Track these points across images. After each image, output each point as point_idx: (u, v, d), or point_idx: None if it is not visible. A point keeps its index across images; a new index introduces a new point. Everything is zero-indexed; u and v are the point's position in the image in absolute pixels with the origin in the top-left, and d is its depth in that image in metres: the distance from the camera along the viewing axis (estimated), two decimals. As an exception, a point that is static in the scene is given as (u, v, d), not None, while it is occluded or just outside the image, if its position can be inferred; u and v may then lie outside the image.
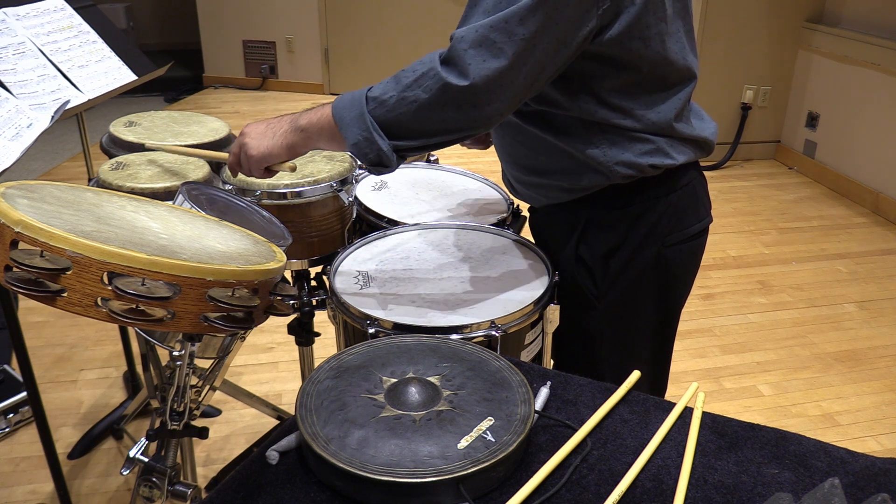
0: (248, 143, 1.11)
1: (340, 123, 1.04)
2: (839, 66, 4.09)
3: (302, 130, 1.09)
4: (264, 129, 1.12)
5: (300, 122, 1.10)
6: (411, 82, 1.00)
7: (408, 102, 1.00)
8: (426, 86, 0.99)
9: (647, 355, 1.33)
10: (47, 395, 2.27)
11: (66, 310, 0.76)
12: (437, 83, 0.98)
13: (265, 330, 2.62)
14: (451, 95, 0.98)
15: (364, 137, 1.03)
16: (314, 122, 1.08)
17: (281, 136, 1.10)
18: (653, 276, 1.24)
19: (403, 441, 0.78)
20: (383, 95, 1.01)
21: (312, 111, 1.10)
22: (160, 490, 1.19)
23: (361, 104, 1.03)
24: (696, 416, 0.90)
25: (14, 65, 1.55)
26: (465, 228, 1.43)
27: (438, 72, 0.98)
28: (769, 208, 3.91)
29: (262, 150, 1.11)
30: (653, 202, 1.19)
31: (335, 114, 1.05)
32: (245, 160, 1.13)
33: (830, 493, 0.71)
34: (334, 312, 1.22)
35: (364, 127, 1.02)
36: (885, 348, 2.69)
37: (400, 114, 1.01)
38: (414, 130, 1.03)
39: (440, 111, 1.00)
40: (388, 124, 1.02)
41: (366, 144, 1.03)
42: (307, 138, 1.10)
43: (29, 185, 0.89)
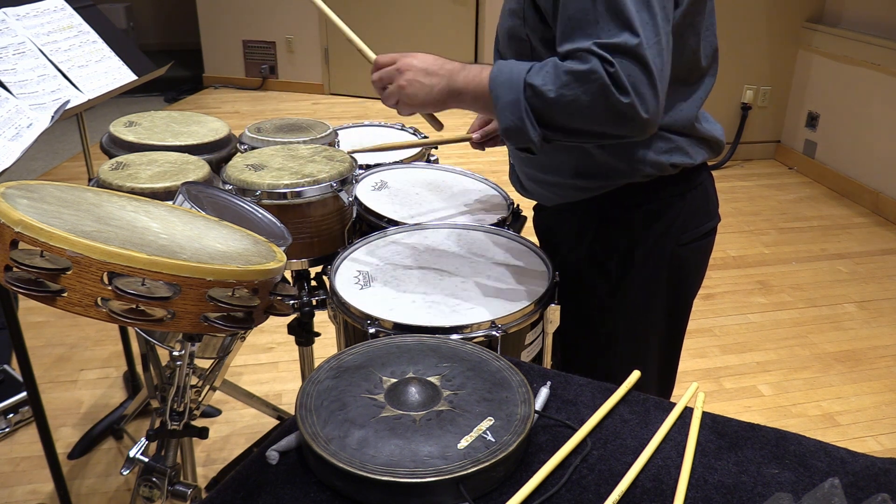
0: (405, 86, 1.12)
1: (496, 102, 1.04)
2: (839, 66, 4.09)
3: (456, 93, 1.10)
4: (422, 77, 1.11)
5: (457, 84, 1.10)
6: (571, 80, 0.97)
7: (566, 100, 0.98)
8: (587, 89, 0.96)
9: (658, 355, 1.34)
10: (47, 395, 2.27)
11: (66, 310, 0.76)
12: (597, 87, 0.95)
13: (265, 330, 2.62)
14: (611, 104, 0.95)
15: (516, 124, 1.02)
16: (470, 89, 1.09)
17: (437, 93, 1.11)
18: (667, 275, 1.24)
19: (403, 441, 0.78)
20: (543, 87, 0.99)
21: (468, 73, 1.09)
22: (160, 490, 1.19)
23: (519, 89, 1.01)
24: (696, 416, 0.90)
25: (14, 65, 1.55)
26: (465, 228, 1.43)
27: (602, 76, 0.94)
28: (769, 208, 3.92)
29: (417, 100, 1.12)
30: (670, 201, 1.20)
31: (492, 90, 1.04)
32: (399, 102, 1.14)
33: (830, 493, 0.71)
34: (334, 312, 1.22)
35: (518, 115, 1.01)
36: (885, 348, 2.69)
37: (557, 109, 0.99)
38: (568, 126, 1.02)
39: (599, 116, 0.98)
40: (542, 114, 1.01)
41: (516, 131, 1.03)
42: (460, 101, 1.11)
43: (29, 185, 0.89)
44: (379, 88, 1.17)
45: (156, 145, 1.55)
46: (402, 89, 1.13)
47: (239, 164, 1.45)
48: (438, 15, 5.37)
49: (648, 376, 1.34)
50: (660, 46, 0.96)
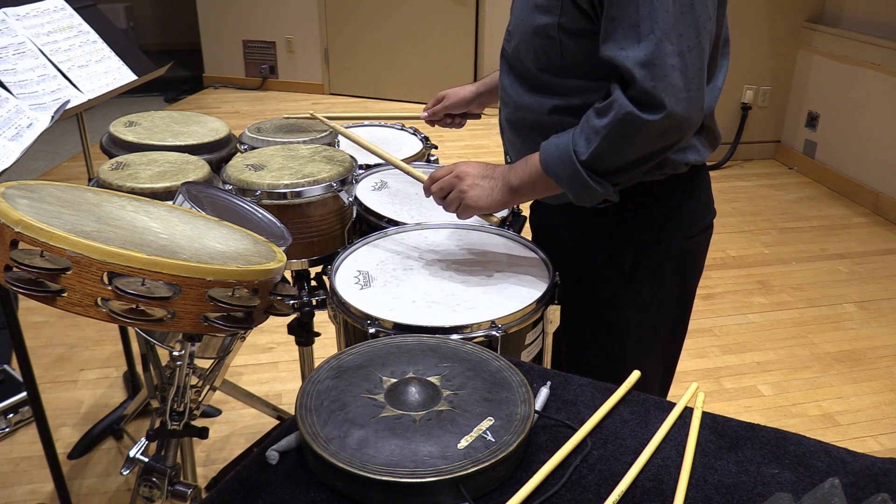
0: (466, 191, 1.20)
1: (557, 180, 1.12)
2: (839, 66, 4.09)
3: (515, 190, 1.19)
4: (482, 182, 1.20)
5: (513, 183, 1.18)
6: (613, 132, 1.05)
7: (615, 149, 1.07)
8: (627, 133, 1.05)
9: (663, 348, 1.38)
10: (47, 395, 2.27)
11: (66, 310, 0.76)
12: (637, 126, 1.03)
13: (265, 330, 2.62)
14: (655, 131, 1.04)
15: (584, 191, 1.11)
16: (526, 181, 1.17)
17: (497, 193, 1.19)
18: (676, 268, 1.29)
19: (403, 441, 0.78)
20: (590, 149, 1.07)
21: (519, 169, 1.18)
22: (160, 490, 1.19)
23: (573, 162, 1.09)
24: (696, 416, 0.90)
25: (14, 65, 1.55)
26: (465, 228, 1.43)
27: (635, 114, 1.02)
28: (769, 208, 3.92)
29: (481, 205, 1.20)
30: (681, 198, 1.25)
31: (549, 172, 1.13)
32: (459, 206, 1.22)
33: (830, 493, 0.71)
34: (335, 312, 1.22)
35: (583, 183, 1.10)
36: (885, 348, 2.69)
37: (611, 159, 1.08)
38: (627, 163, 1.10)
39: (649, 144, 1.07)
40: (601, 170, 1.09)
41: (587, 195, 1.12)
42: (519, 196, 1.20)
43: (29, 185, 0.89)
44: (439, 198, 1.24)
45: (156, 145, 1.55)
46: (463, 194, 1.20)
47: (239, 164, 1.45)
48: (438, 15, 5.37)
49: (653, 369, 1.38)
50: (700, 49, 1.02)
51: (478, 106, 1.64)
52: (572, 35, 1.12)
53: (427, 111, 1.67)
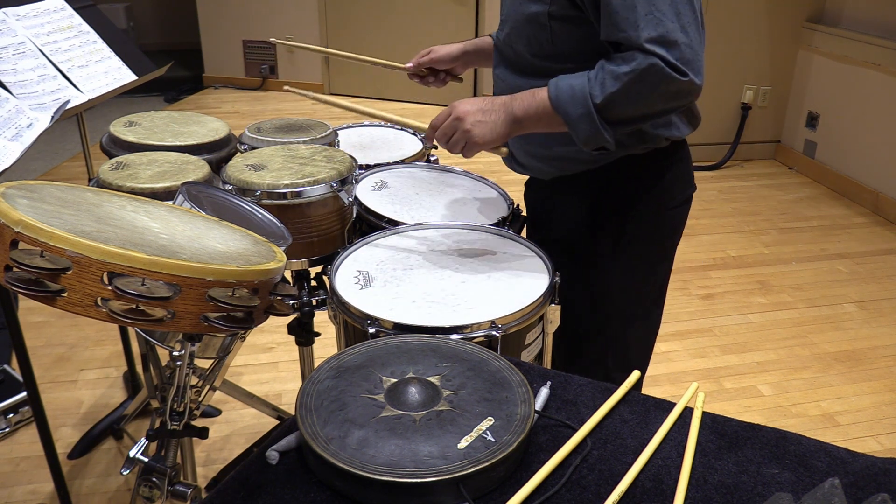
0: (470, 129, 1.18)
1: (566, 118, 1.13)
2: (839, 66, 4.09)
3: (517, 121, 1.18)
4: (481, 116, 1.19)
5: (516, 113, 1.18)
6: (634, 79, 1.07)
7: (632, 97, 1.09)
8: (650, 81, 1.07)
9: (645, 315, 1.47)
10: (47, 395, 2.27)
11: (66, 310, 0.76)
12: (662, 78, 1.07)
13: (265, 330, 2.62)
14: (674, 88, 1.08)
15: (593, 134, 1.13)
16: (531, 113, 1.17)
17: (501, 125, 1.19)
18: (655, 236, 1.36)
19: (403, 441, 0.78)
20: (607, 93, 1.09)
21: (524, 98, 1.18)
22: (160, 490, 1.19)
23: (587, 103, 1.11)
24: (696, 416, 0.90)
25: (14, 65, 1.55)
26: (465, 228, 1.43)
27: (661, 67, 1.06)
28: (769, 208, 3.91)
29: (486, 138, 1.19)
30: (661, 171, 1.32)
31: (559, 109, 1.14)
32: (465, 145, 1.20)
33: (830, 493, 0.71)
34: (335, 312, 1.22)
35: (593, 125, 1.12)
36: (885, 348, 2.69)
37: (625, 108, 1.11)
38: (637, 117, 1.14)
39: (664, 100, 1.11)
40: (612, 116, 1.12)
41: (594, 138, 1.14)
42: (523, 128, 1.20)
43: (29, 185, 0.89)
44: (444, 143, 1.23)
45: (156, 145, 1.55)
46: (467, 133, 1.19)
47: (239, 164, 1.45)
48: (438, 15, 5.37)
49: (635, 336, 1.47)
50: (697, 24, 1.09)
51: (462, 65, 1.65)
52: (562, 22, 1.18)
53: (412, 62, 1.67)
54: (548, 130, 1.19)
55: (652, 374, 2.52)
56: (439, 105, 5.23)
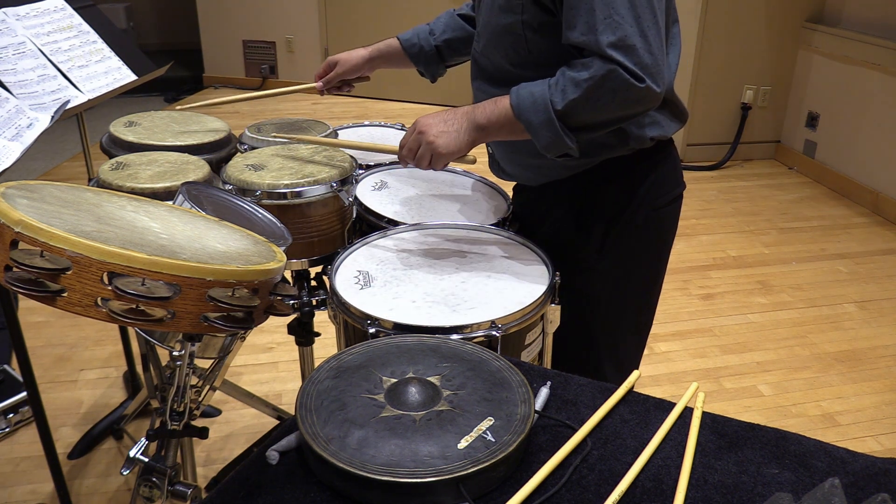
0: (434, 142, 1.19)
1: (528, 126, 1.14)
2: (839, 66, 4.09)
3: (481, 129, 1.19)
4: (444, 127, 1.19)
5: (479, 121, 1.18)
6: (593, 86, 1.07)
7: (593, 103, 1.09)
8: (609, 87, 1.07)
9: (634, 319, 1.45)
10: (47, 395, 2.27)
11: (66, 310, 0.76)
12: (621, 84, 1.06)
13: (265, 330, 2.62)
14: (633, 94, 1.07)
15: (555, 140, 1.13)
16: (493, 120, 1.17)
17: (464, 133, 1.19)
18: (644, 237, 1.35)
19: (403, 441, 0.78)
20: (568, 100, 1.09)
21: (485, 107, 1.18)
22: (160, 490, 1.19)
23: (548, 109, 1.11)
24: (696, 416, 0.90)
25: (14, 65, 1.55)
26: (465, 228, 1.43)
27: (620, 73, 1.06)
28: (769, 208, 3.92)
29: (451, 149, 1.19)
30: (646, 172, 1.31)
31: (520, 117, 1.14)
32: (432, 158, 1.20)
33: (830, 493, 0.71)
34: (335, 312, 1.22)
35: (554, 131, 1.12)
36: (885, 348, 2.69)
37: (585, 114, 1.11)
38: (598, 124, 1.14)
39: (624, 107, 1.10)
40: (573, 122, 1.12)
41: (554, 145, 1.14)
42: (487, 135, 1.20)
43: (29, 185, 0.89)
44: (411, 159, 1.23)
45: (156, 145, 1.55)
46: (431, 145, 1.19)
47: (239, 164, 1.45)
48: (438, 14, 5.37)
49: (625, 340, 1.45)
50: (657, 28, 1.07)
51: (369, 70, 1.67)
52: (536, 30, 1.18)
53: (319, 80, 1.67)
54: (511, 138, 1.20)
55: (652, 374, 2.52)
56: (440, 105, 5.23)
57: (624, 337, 1.45)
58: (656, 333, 2.70)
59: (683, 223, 3.62)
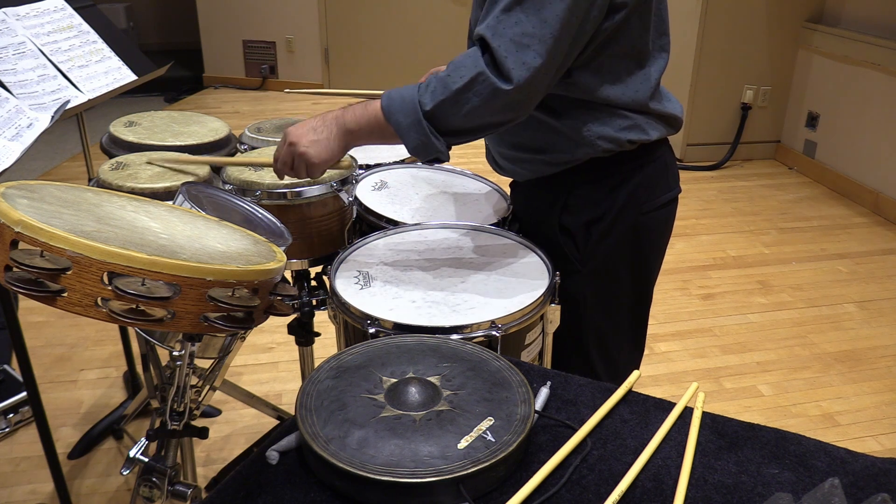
0: (305, 151, 1.16)
1: (397, 128, 1.12)
2: (839, 66, 4.09)
3: (350, 133, 1.17)
4: (313, 136, 1.17)
5: (347, 125, 1.16)
6: (462, 87, 1.07)
7: (461, 107, 1.08)
8: (477, 90, 1.06)
9: (627, 322, 1.43)
10: (47, 395, 2.27)
11: (66, 310, 0.76)
12: (488, 88, 1.06)
13: (265, 330, 2.62)
14: (501, 99, 1.06)
15: (422, 142, 1.12)
16: (363, 124, 1.16)
17: (334, 139, 1.17)
18: (631, 241, 1.34)
19: (403, 441, 0.78)
20: (436, 101, 1.09)
21: (355, 110, 1.16)
22: (160, 490, 1.19)
23: (416, 111, 1.10)
24: (696, 416, 0.90)
25: (14, 65, 1.55)
26: (466, 228, 1.43)
27: (488, 76, 1.05)
28: (769, 208, 3.92)
29: (322, 156, 1.17)
30: (629, 174, 1.29)
31: (389, 118, 1.12)
32: (305, 168, 1.18)
33: (830, 493, 0.71)
34: (335, 312, 1.22)
35: (422, 133, 1.11)
36: (885, 348, 2.69)
37: (454, 117, 1.10)
38: (466, 129, 1.12)
39: (491, 113, 1.09)
40: (442, 125, 1.11)
41: (423, 147, 1.13)
42: (357, 139, 1.18)
43: (29, 185, 0.89)
44: (288, 171, 1.21)
45: (156, 145, 1.55)
46: (303, 156, 1.17)
47: (239, 164, 1.44)
48: (438, 15, 5.37)
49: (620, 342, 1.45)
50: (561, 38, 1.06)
51: None
52: None
53: None
54: (382, 142, 1.18)
55: (652, 374, 2.52)
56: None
57: (614, 341, 1.43)
58: (656, 333, 2.70)
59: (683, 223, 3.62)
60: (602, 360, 1.42)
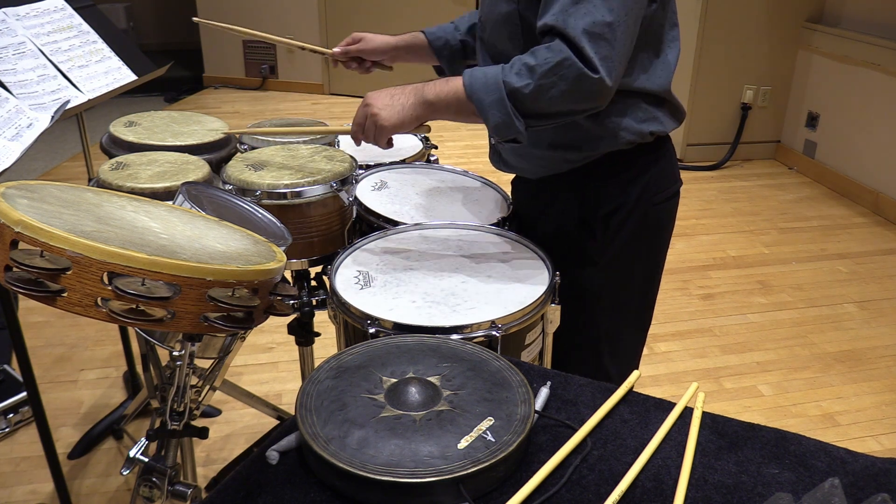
0: (378, 113, 1.18)
1: (479, 105, 1.12)
2: (839, 66, 4.09)
3: (429, 104, 1.17)
4: (390, 101, 1.18)
5: (427, 97, 1.17)
6: (547, 70, 1.07)
7: (545, 90, 1.08)
8: (563, 74, 1.07)
9: (636, 316, 1.46)
10: (47, 395, 2.27)
11: (66, 310, 0.76)
12: (574, 73, 1.06)
13: (265, 330, 2.61)
14: (587, 85, 1.07)
15: (504, 121, 1.12)
16: (442, 97, 1.16)
17: (410, 108, 1.18)
18: (643, 233, 1.36)
19: (403, 441, 0.78)
20: (520, 83, 1.09)
21: (437, 84, 1.17)
22: (160, 490, 1.19)
23: (500, 89, 1.10)
24: (696, 416, 0.90)
25: (14, 65, 1.55)
26: (465, 228, 1.43)
27: (574, 62, 1.06)
28: (769, 208, 3.92)
29: (393, 121, 1.18)
30: (646, 166, 1.32)
31: (472, 95, 1.13)
32: (375, 131, 1.19)
33: (830, 493, 0.71)
34: (335, 312, 1.22)
35: (505, 112, 1.11)
36: (885, 348, 2.69)
37: (537, 100, 1.10)
38: (548, 113, 1.13)
39: (574, 99, 1.10)
40: (524, 107, 1.11)
41: (504, 126, 1.13)
42: (434, 112, 1.18)
43: (29, 185, 0.89)
44: (360, 133, 1.23)
45: (156, 145, 1.55)
46: (375, 117, 1.18)
47: (239, 164, 1.45)
48: (439, 15, 5.37)
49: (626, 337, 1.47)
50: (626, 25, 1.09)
51: (390, 59, 1.66)
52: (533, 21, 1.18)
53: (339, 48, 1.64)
54: (459, 118, 1.19)
55: (652, 374, 2.52)
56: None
57: (625, 332, 1.46)
58: (656, 333, 2.70)
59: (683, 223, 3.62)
60: (611, 353, 1.43)
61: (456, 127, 4.95)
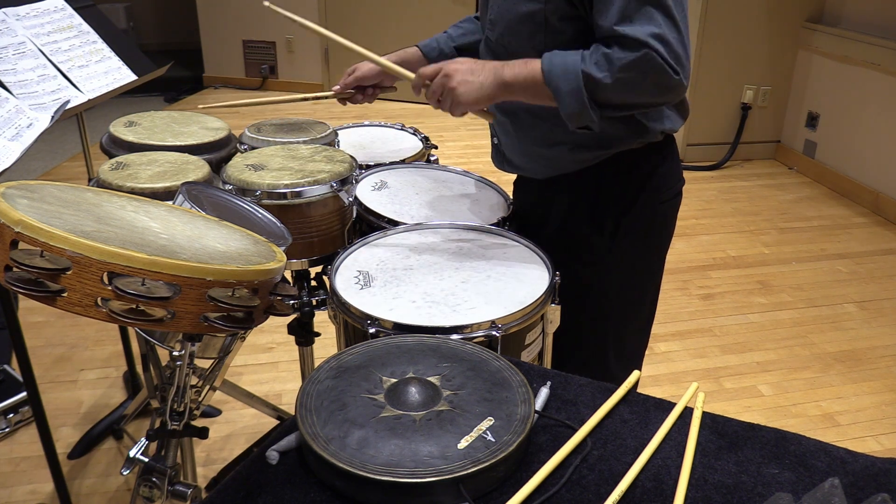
0: (456, 87, 1.19)
1: (556, 92, 1.14)
2: (839, 66, 4.09)
3: (507, 86, 1.19)
4: (469, 76, 1.19)
5: (506, 77, 1.18)
6: (628, 66, 1.09)
7: (623, 83, 1.11)
8: (643, 68, 1.09)
9: (640, 313, 1.48)
10: (47, 395, 2.27)
11: (66, 310, 0.76)
12: (657, 67, 1.09)
13: (265, 330, 2.62)
14: (668, 80, 1.10)
15: (579, 110, 1.14)
16: (520, 80, 1.18)
17: (488, 87, 1.19)
18: (650, 231, 1.38)
19: (403, 441, 0.78)
20: (600, 75, 1.11)
21: (516, 66, 1.18)
22: (160, 490, 1.19)
23: (578, 79, 1.12)
24: (696, 416, 0.90)
25: (14, 65, 1.55)
26: (465, 228, 1.43)
27: (654, 57, 1.08)
28: (769, 208, 3.92)
29: (470, 98, 1.19)
30: (656, 165, 1.34)
31: (549, 82, 1.14)
32: (451, 104, 1.21)
33: (830, 493, 0.71)
34: (335, 312, 1.22)
35: (581, 101, 1.13)
36: (885, 348, 2.69)
37: (615, 92, 1.12)
38: (624, 103, 1.15)
39: (652, 92, 1.13)
40: (600, 97, 1.13)
41: (578, 115, 1.15)
42: (510, 93, 1.20)
43: (29, 185, 0.89)
44: (434, 100, 1.24)
45: (156, 145, 1.55)
46: (453, 91, 1.19)
47: (239, 164, 1.45)
48: (438, 15, 5.37)
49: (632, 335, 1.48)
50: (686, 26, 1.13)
51: (389, 79, 1.67)
52: (558, 20, 1.20)
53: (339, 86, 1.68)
54: (533, 101, 1.20)
55: (652, 374, 2.52)
56: (439, 105, 5.22)
57: (631, 332, 1.47)
58: (656, 333, 2.70)
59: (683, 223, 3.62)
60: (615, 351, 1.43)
61: (456, 127, 4.95)
